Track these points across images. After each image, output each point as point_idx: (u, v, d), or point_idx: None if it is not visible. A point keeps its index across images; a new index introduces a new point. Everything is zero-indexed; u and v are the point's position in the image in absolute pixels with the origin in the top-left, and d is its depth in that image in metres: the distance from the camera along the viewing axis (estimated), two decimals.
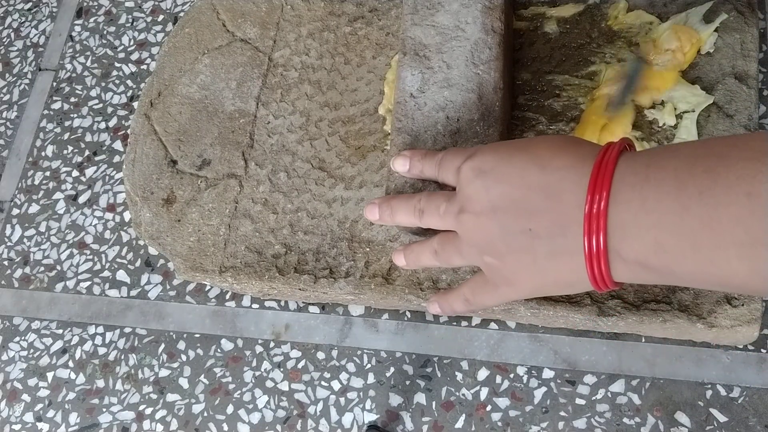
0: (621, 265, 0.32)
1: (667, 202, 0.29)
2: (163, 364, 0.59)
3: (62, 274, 0.64)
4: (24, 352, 0.62)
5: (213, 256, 0.56)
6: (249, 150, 0.58)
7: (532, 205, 0.34)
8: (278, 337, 0.57)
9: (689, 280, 0.31)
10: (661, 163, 0.31)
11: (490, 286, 0.39)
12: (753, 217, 0.26)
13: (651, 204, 0.30)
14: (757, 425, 0.48)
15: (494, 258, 0.37)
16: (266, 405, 0.55)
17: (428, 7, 0.51)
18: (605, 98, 0.51)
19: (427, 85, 0.48)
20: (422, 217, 0.41)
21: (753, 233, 0.26)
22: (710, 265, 0.28)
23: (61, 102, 0.72)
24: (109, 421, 0.58)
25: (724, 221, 0.27)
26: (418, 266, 0.45)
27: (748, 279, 0.28)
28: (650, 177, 0.30)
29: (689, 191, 0.29)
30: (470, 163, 0.37)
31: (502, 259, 0.36)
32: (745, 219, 0.27)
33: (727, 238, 0.27)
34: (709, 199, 0.28)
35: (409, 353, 0.55)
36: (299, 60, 0.61)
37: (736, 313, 0.46)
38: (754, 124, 0.49)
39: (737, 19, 0.52)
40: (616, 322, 0.48)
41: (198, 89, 0.62)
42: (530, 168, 0.35)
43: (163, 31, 0.72)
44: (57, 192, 0.68)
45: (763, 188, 0.26)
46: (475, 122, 0.46)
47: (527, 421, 0.51)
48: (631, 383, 0.51)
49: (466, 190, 0.37)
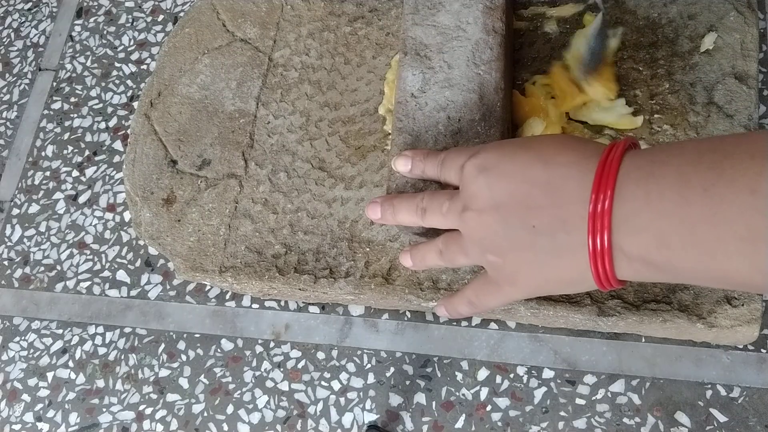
0: (624, 262, 0.32)
1: (671, 196, 0.29)
2: (163, 364, 0.59)
3: (62, 274, 0.64)
4: (24, 352, 0.62)
5: (213, 256, 0.56)
6: (249, 150, 0.58)
7: (535, 201, 0.34)
8: (278, 337, 0.57)
9: (691, 276, 0.31)
10: (665, 159, 0.31)
11: (493, 286, 0.39)
12: (756, 214, 0.26)
13: (654, 199, 0.30)
14: (757, 425, 0.48)
15: (496, 256, 0.37)
16: (266, 405, 0.55)
17: (429, 6, 0.51)
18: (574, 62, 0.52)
19: (428, 85, 0.48)
20: (424, 216, 0.41)
21: (755, 230, 0.27)
22: (712, 260, 0.29)
23: (61, 102, 0.72)
24: (109, 421, 0.58)
25: (727, 217, 0.27)
26: (425, 267, 0.44)
27: (749, 275, 0.28)
28: (654, 173, 0.30)
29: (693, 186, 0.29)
30: (473, 161, 0.37)
31: (504, 256, 0.36)
32: (748, 215, 0.27)
33: (730, 234, 0.27)
34: (713, 195, 0.28)
35: (409, 353, 0.55)
36: (299, 60, 0.61)
37: (736, 313, 0.46)
38: (754, 124, 0.50)
39: (737, 19, 0.52)
40: (616, 322, 0.48)
41: (198, 89, 0.62)
42: (533, 164, 0.35)
43: (163, 31, 0.72)
44: (57, 192, 0.67)
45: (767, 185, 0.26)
46: (476, 122, 0.46)
47: (527, 421, 0.51)
48: (631, 383, 0.51)
49: (469, 187, 0.37)
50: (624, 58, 0.54)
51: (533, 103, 0.52)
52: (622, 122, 0.51)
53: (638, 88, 0.53)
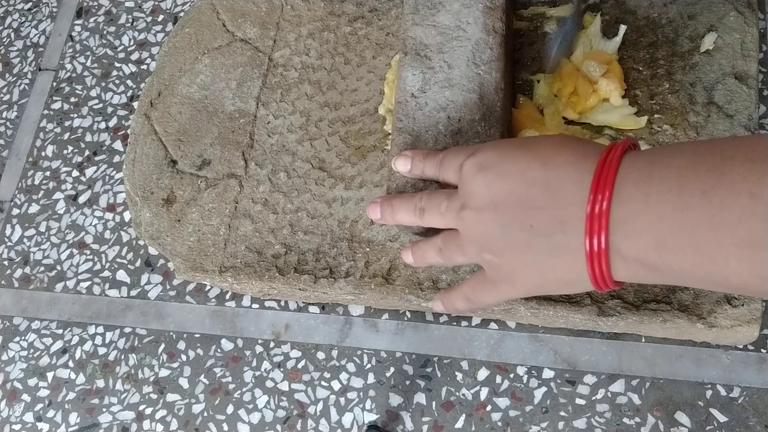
0: (621, 264, 0.32)
1: (670, 199, 0.29)
2: (163, 364, 0.59)
3: (62, 274, 0.64)
4: (24, 352, 0.62)
5: (213, 256, 0.56)
6: (249, 150, 0.58)
7: (533, 200, 0.34)
8: (278, 337, 0.57)
9: (688, 278, 0.31)
10: (665, 160, 0.31)
11: (490, 284, 0.39)
12: (755, 218, 0.26)
13: (654, 201, 0.30)
14: (757, 425, 0.48)
15: (493, 255, 0.37)
16: (266, 405, 0.55)
17: (429, 6, 0.51)
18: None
19: (429, 85, 0.48)
20: (423, 215, 0.41)
21: (754, 234, 0.26)
22: (710, 263, 0.28)
23: (61, 102, 0.72)
24: (109, 421, 0.58)
25: (726, 220, 0.27)
26: (425, 264, 0.45)
27: (747, 279, 0.28)
28: (654, 174, 0.30)
29: (692, 189, 0.28)
30: (472, 160, 0.37)
31: (501, 256, 0.36)
32: (747, 219, 0.27)
33: (728, 238, 0.27)
34: (712, 198, 0.28)
35: (409, 353, 0.55)
36: (299, 60, 0.61)
37: (736, 313, 0.46)
38: (754, 124, 0.50)
39: (737, 19, 0.52)
40: (616, 322, 0.48)
41: (198, 89, 0.62)
42: (532, 164, 0.35)
43: (163, 31, 0.72)
44: (57, 192, 0.67)
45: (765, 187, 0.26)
46: (476, 122, 0.46)
47: (527, 421, 0.51)
48: (631, 383, 0.51)
49: (468, 186, 0.37)
50: (624, 58, 0.54)
51: (525, 114, 0.52)
52: (626, 122, 0.51)
53: (638, 88, 0.53)
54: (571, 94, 0.52)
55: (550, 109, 0.53)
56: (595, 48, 0.53)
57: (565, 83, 0.52)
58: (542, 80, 0.54)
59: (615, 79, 0.51)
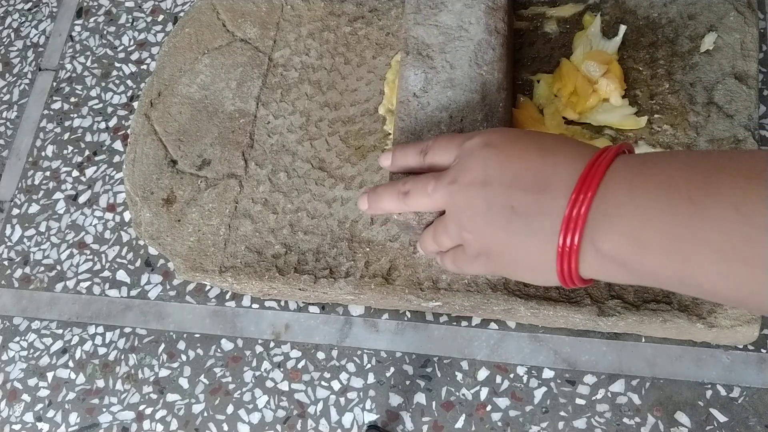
0: (593, 259, 0.32)
1: (655, 197, 0.29)
2: (163, 364, 0.59)
3: (62, 274, 0.64)
4: (24, 352, 0.62)
5: (213, 256, 0.56)
6: (249, 150, 0.58)
7: (521, 184, 0.35)
8: (278, 337, 0.57)
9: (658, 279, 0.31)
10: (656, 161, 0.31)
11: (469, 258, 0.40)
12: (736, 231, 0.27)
13: (638, 195, 0.30)
14: (757, 425, 0.48)
15: (470, 233, 0.37)
16: (266, 405, 0.55)
17: (431, 6, 0.51)
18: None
19: (431, 85, 0.48)
20: (407, 199, 0.41)
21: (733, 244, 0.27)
22: (685, 266, 0.29)
23: (61, 102, 0.72)
24: (109, 421, 0.58)
25: (707, 227, 0.27)
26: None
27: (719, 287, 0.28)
28: (643, 172, 0.31)
29: (679, 192, 0.29)
30: (478, 139, 0.38)
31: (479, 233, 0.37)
32: (728, 229, 0.27)
33: (707, 244, 0.28)
34: (697, 204, 0.28)
35: (409, 353, 0.55)
36: (299, 60, 0.61)
37: (736, 313, 0.46)
38: (754, 124, 0.50)
39: (737, 19, 0.52)
40: (616, 322, 0.48)
41: (198, 89, 0.62)
42: (531, 152, 0.36)
43: (163, 31, 0.72)
44: (57, 192, 0.67)
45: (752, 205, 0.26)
46: (478, 122, 0.46)
47: (527, 421, 0.51)
48: (631, 383, 0.51)
49: (467, 160, 0.38)
50: (624, 58, 0.54)
51: (525, 114, 0.52)
52: (626, 122, 0.51)
53: (638, 88, 0.53)
54: (571, 94, 0.52)
55: (550, 109, 0.53)
56: (595, 48, 0.53)
57: (565, 83, 0.52)
58: (542, 80, 0.54)
59: (615, 79, 0.51)
